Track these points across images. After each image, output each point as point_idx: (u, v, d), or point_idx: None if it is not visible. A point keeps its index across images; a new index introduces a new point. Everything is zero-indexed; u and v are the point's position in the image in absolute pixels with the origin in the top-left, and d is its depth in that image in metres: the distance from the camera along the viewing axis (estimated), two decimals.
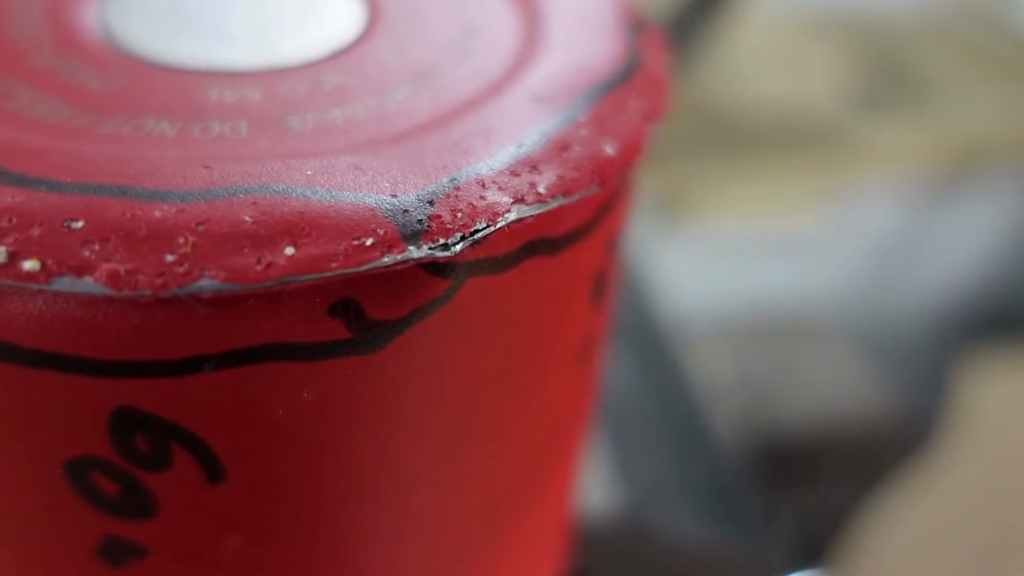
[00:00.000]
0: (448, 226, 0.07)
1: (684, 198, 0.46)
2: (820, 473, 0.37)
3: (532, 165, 0.08)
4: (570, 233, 0.09)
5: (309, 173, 0.08)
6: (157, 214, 0.07)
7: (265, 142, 0.08)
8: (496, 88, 0.09)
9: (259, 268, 0.07)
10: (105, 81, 0.09)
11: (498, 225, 0.08)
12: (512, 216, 0.08)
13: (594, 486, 0.19)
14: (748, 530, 0.20)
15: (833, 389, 0.40)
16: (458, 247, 0.07)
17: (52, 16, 0.10)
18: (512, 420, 0.10)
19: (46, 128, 0.08)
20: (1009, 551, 0.30)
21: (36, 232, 0.07)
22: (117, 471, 0.08)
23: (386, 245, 0.07)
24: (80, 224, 0.07)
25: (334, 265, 0.07)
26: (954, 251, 0.53)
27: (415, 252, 0.07)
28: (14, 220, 0.07)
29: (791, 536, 0.33)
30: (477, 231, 0.07)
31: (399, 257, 0.07)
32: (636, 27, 0.11)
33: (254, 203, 0.07)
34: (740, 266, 0.47)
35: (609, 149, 0.09)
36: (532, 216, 0.08)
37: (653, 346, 0.24)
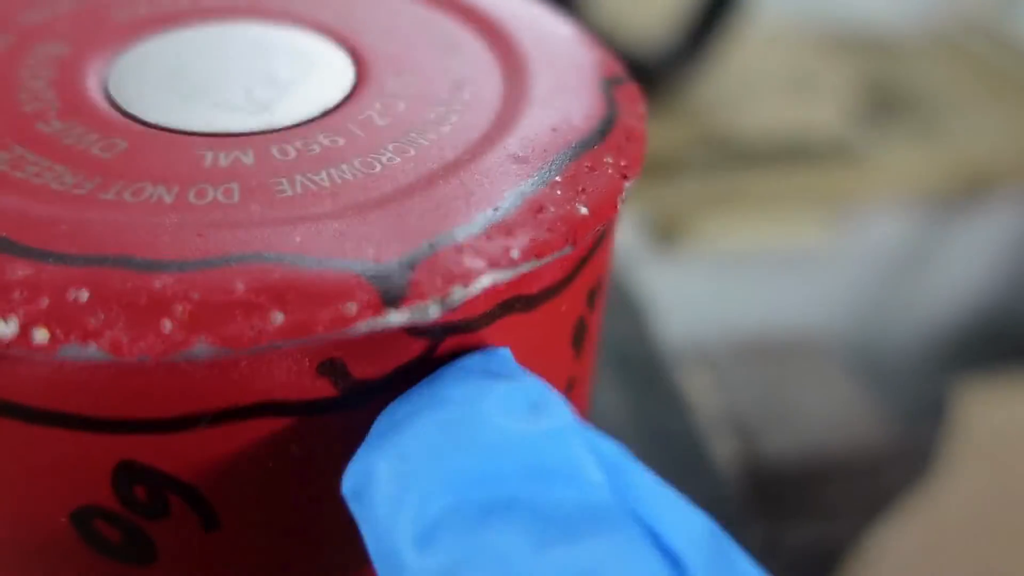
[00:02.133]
0: (426, 291, 0.08)
1: (687, 222, 0.47)
2: (815, 502, 0.37)
3: (507, 229, 0.09)
4: (546, 290, 0.09)
5: (298, 240, 0.08)
6: (157, 284, 0.07)
7: (256, 207, 0.09)
8: (477, 148, 0.10)
9: (250, 334, 0.07)
10: (107, 146, 0.10)
11: (472, 290, 0.08)
12: (486, 281, 0.08)
13: None
14: None
15: (829, 415, 0.40)
16: (435, 312, 0.08)
17: (59, 82, 0.10)
18: None
19: (52, 196, 0.09)
20: (1007, 574, 0.30)
21: (45, 303, 0.07)
22: (119, 519, 0.08)
23: (369, 311, 0.08)
24: (85, 295, 0.07)
25: (320, 330, 0.07)
26: (957, 273, 0.53)
27: (396, 317, 0.08)
28: (25, 293, 0.07)
29: (787, 567, 0.33)
30: (453, 296, 0.08)
31: (380, 322, 0.08)
32: (615, 82, 0.11)
33: (246, 272, 0.08)
34: (736, 290, 0.47)
35: (583, 209, 0.09)
36: (505, 280, 0.08)
37: (648, 373, 0.24)
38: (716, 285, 0.47)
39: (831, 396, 0.42)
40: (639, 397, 0.23)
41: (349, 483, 0.08)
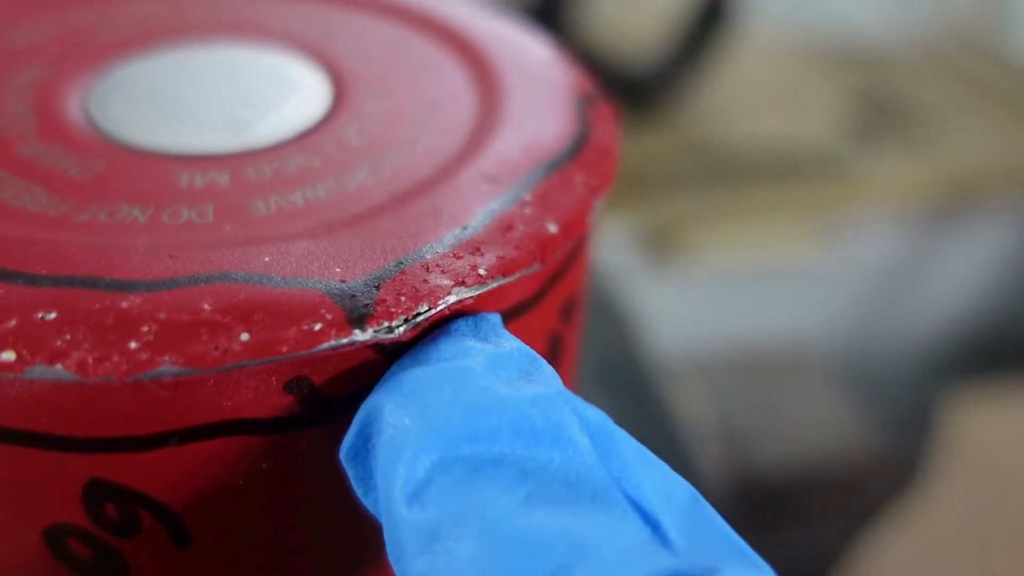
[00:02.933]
0: (392, 310, 0.08)
1: (678, 234, 0.47)
2: (805, 512, 0.37)
3: (475, 247, 0.09)
4: (515, 306, 0.09)
5: (267, 260, 0.08)
6: (124, 304, 0.08)
7: (229, 227, 0.09)
8: (449, 167, 0.10)
9: (216, 353, 0.07)
10: (85, 167, 0.10)
11: (439, 308, 0.08)
12: (452, 299, 0.08)
13: None
14: None
15: (818, 426, 0.40)
16: (401, 329, 0.08)
17: (38, 104, 0.11)
18: None
19: (27, 218, 0.09)
20: None
21: (12, 324, 0.07)
22: (90, 537, 0.08)
23: (334, 329, 0.08)
24: (53, 315, 0.07)
25: (285, 349, 0.08)
26: (946, 286, 0.53)
27: (360, 336, 0.08)
28: None
29: None
30: (419, 314, 0.08)
31: (345, 340, 0.08)
32: (587, 100, 0.12)
33: (213, 291, 0.08)
34: (727, 303, 0.47)
35: (552, 227, 0.09)
36: (472, 297, 0.08)
37: (638, 385, 0.24)
38: (708, 298, 0.47)
39: (821, 407, 0.42)
40: (626, 408, 0.23)
41: (348, 443, 0.08)
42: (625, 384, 0.24)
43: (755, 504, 0.36)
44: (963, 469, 0.33)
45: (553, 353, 0.11)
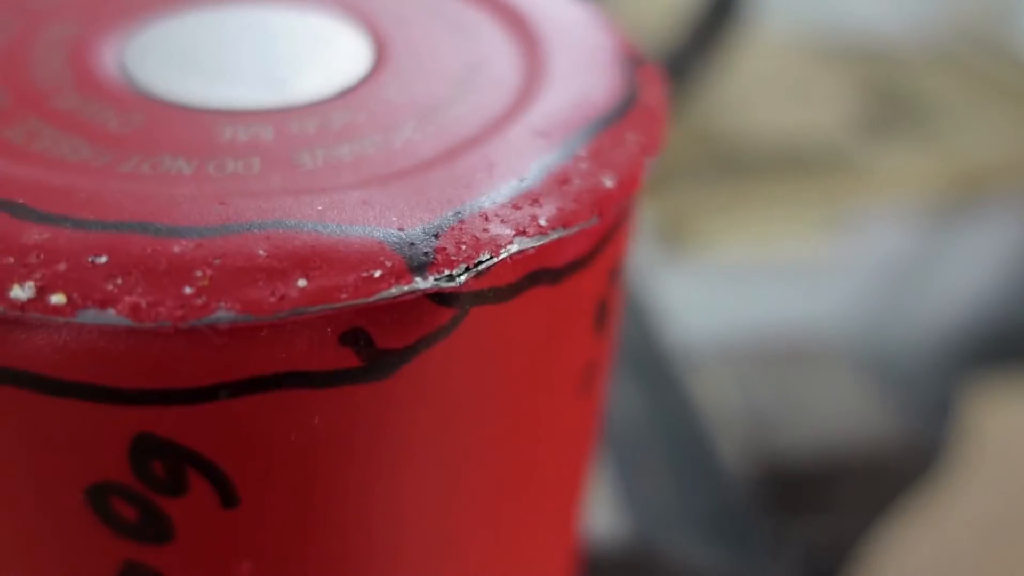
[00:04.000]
0: (453, 258, 0.08)
1: (690, 226, 0.46)
2: (826, 500, 0.36)
3: (533, 198, 0.08)
4: (571, 263, 0.09)
5: (319, 208, 0.08)
6: (176, 249, 0.07)
7: (277, 178, 0.09)
8: (498, 124, 0.10)
9: (273, 300, 0.07)
10: (124, 121, 0.09)
11: (501, 256, 0.08)
12: (514, 248, 0.08)
13: (601, 513, 0.19)
14: (755, 556, 0.20)
15: (839, 416, 0.40)
16: (462, 278, 0.08)
17: (74, 59, 0.10)
18: (516, 444, 0.10)
19: (69, 167, 0.08)
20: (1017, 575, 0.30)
21: (62, 267, 0.07)
22: (136, 496, 0.08)
23: (393, 277, 0.07)
24: (103, 259, 0.07)
25: (344, 296, 0.07)
26: (959, 277, 0.53)
27: (421, 283, 0.07)
28: (41, 256, 0.07)
29: (798, 563, 0.33)
30: (481, 262, 0.08)
31: (406, 288, 0.07)
32: (634, 62, 0.11)
33: (267, 238, 0.07)
34: (745, 293, 0.47)
35: (608, 182, 0.09)
36: (533, 247, 0.08)
37: (659, 373, 0.24)
38: (720, 289, 0.47)
39: (842, 395, 0.42)
40: (650, 396, 0.23)
41: None
42: (650, 372, 0.24)
43: (777, 490, 0.36)
44: (983, 458, 0.33)
45: (601, 318, 0.11)
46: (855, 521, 0.33)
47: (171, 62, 0.10)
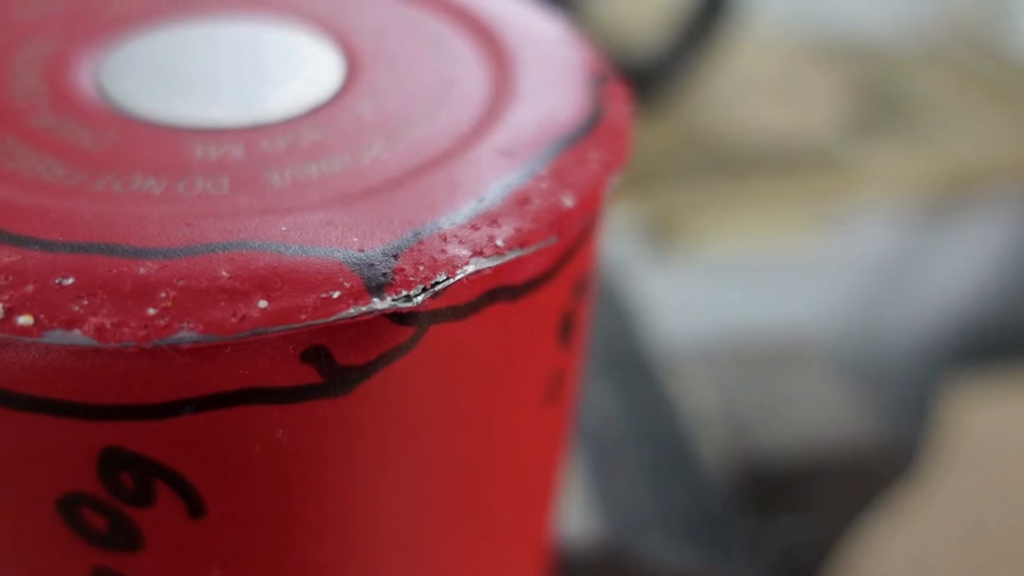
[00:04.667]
0: (410, 279, 0.08)
1: (678, 224, 0.47)
2: (806, 500, 0.37)
3: (492, 219, 0.09)
4: (531, 280, 0.09)
5: (284, 229, 0.08)
6: (141, 271, 0.08)
7: (245, 198, 0.09)
8: (465, 142, 0.10)
9: (234, 320, 0.07)
10: (98, 139, 0.10)
11: (457, 277, 0.08)
12: (471, 268, 0.08)
13: (575, 514, 0.20)
14: (733, 557, 0.21)
15: (818, 416, 0.41)
16: (419, 298, 0.08)
17: (50, 77, 0.11)
18: (480, 457, 0.10)
19: (42, 187, 0.09)
20: (997, 575, 0.30)
21: (30, 289, 0.07)
22: (105, 506, 0.08)
23: (352, 297, 0.08)
24: (70, 281, 0.07)
25: (303, 317, 0.08)
26: (945, 277, 0.53)
27: (379, 304, 0.08)
28: (11, 278, 0.07)
29: (778, 563, 0.33)
30: (437, 283, 0.08)
31: (364, 309, 0.08)
32: (600, 79, 0.12)
33: (231, 259, 0.08)
34: (729, 292, 0.47)
35: (568, 201, 0.09)
36: (490, 268, 0.08)
37: (640, 374, 0.24)
38: (708, 287, 0.47)
39: (823, 395, 0.42)
40: (630, 396, 0.23)
41: None
42: (628, 372, 0.24)
43: (757, 490, 0.36)
44: (963, 458, 0.33)
45: (565, 331, 0.11)
46: (835, 521, 0.34)
47: (146, 79, 0.11)
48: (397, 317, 0.08)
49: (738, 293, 0.47)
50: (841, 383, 0.43)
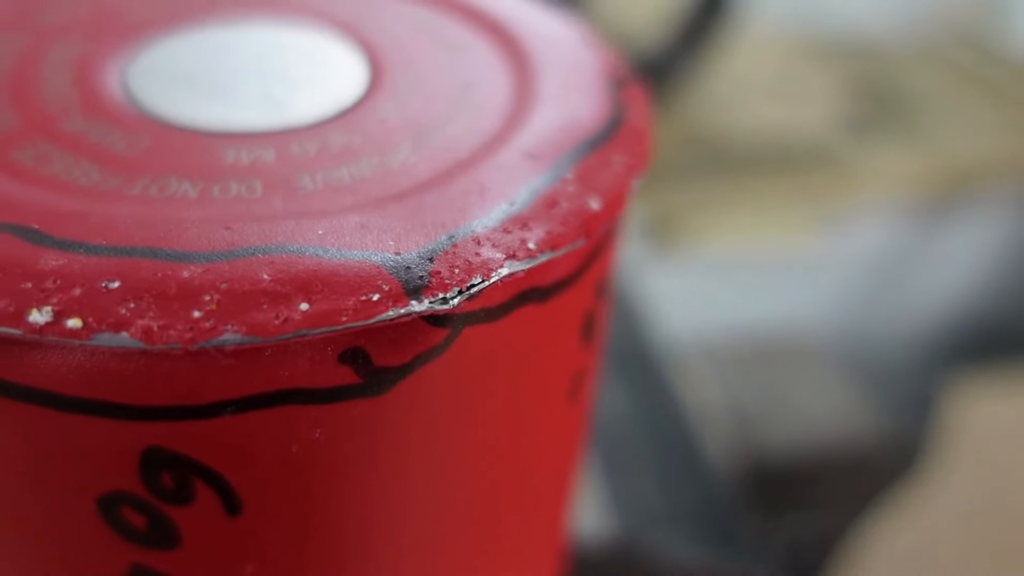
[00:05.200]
0: (447, 281, 0.08)
1: (677, 223, 0.47)
2: (810, 496, 0.37)
3: (523, 222, 0.09)
4: (559, 282, 0.10)
5: (320, 232, 0.08)
6: (185, 274, 0.08)
7: (279, 202, 0.09)
8: (490, 146, 0.10)
9: (277, 322, 0.08)
10: (131, 144, 0.10)
11: (492, 280, 0.08)
12: (504, 271, 0.08)
13: (587, 511, 0.20)
14: (740, 552, 0.21)
15: (822, 413, 0.41)
16: (455, 301, 0.08)
17: (80, 80, 0.11)
18: (508, 452, 0.10)
19: (79, 191, 0.09)
20: (998, 571, 0.30)
21: (77, 292, 0.07)
22: (145, 505, 0.09)
23: (391, 300, 0.08)
24: (116, 284, 0.08)
25: (344, 319, 0.08)
26: (944, 274, 0.53)
27: (417, 306, 0.08)
28: (58, 282, 0.08)
29: (782, 559, 0.34)
30: (473, 286, 0.08)
31: (403, 311, 0.08)
32: (620, 82, 0.12)
33: (271, 262, 0.08)
34: (731, 290, 0.48)
35: (594, 204, 0.09)
36: (523, 270, 0.09)
37: (645, 371, 0.25)
38: (709, 286, 0.48)
39: (825, 392, 0.42)
40: (636, 393, 0.23)
41: None
42: (634, 369, 0.24)
43: (761, 486, 0.37)
44: (964, 455, 0.33)
45: (587, 330, 0.11)
46: (838, 517, 0.34)
47: (174, 83, 0.11)
48: (432, 319, 0.08)
49: (740, 291, 0.48)
50: (843, 380, 0.43)
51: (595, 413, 0.22)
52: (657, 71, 0.46)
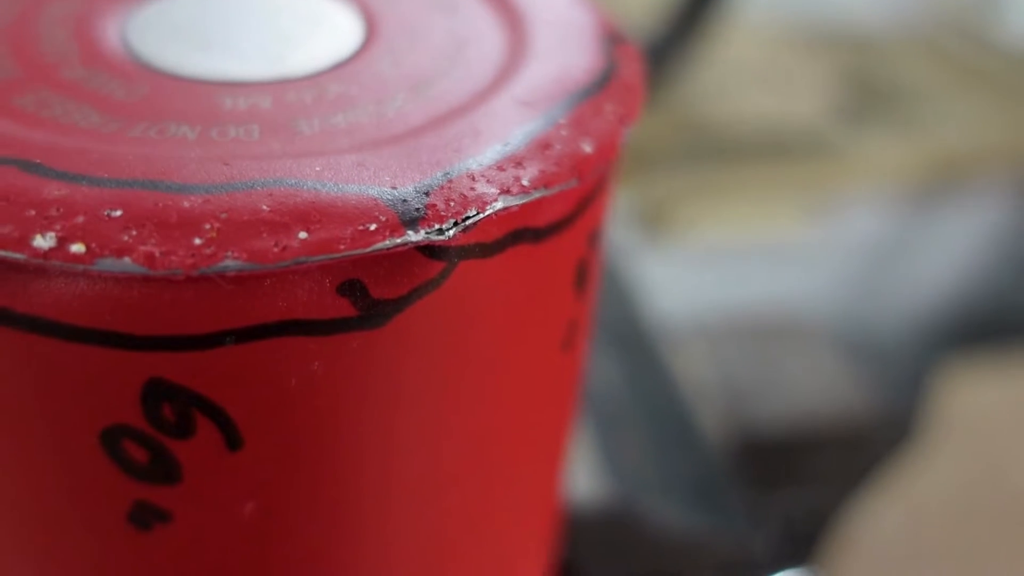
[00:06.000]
0: (442, 213, 0.08)
1: (671, 210, 0.47)
2: (802, 472, 0.37)
3: (517, 161, 0.09)
4: (552, 224, 0.10)
5: (318, 169, 0.09)
6: (186, 204, 0.08)
7: (276, 143, 0.09)
8: (484, 95, 0.10)
9: (276, 250, 0.08)
10: (130, 91, 0.10)
11: (486, 212, 0.08)
12: (499, 205, 0.09)
13: (584, 477, 0.20)
14: (733, 522, 0.21)
15: (815, 391, 0.41)
16: (451, 232, 0.08)
17: (79, 33, 0.11)
18: (502, 393, 0.10)
19: (80, 132, 0.09)
20: (986, 548, 0.31)
21: (80, 220, 0.08)
22: (147, 439, 0.09)
23: (388, 230, 0.08)
24: (119, 213, 0.08)
25: (342, 247, 0.08)
26: (935, 262, 0.54)
27: (413, 236, 0.08)
28: (61, 210, 0.08)
29: (774, 534, 0.34)
30: (468, 217, 0.08)
31: (399, 240, 0.08)
32: (613, 39, 0.12)
33: (270, 194, 0.08)
34: (725, 277, 0.48)
35: (587, 147, 0.10)
36: (517, 205, 0.09)
37: (639, 348, 0.25)
38: (701, 274, 0.48)
39: (818, 370, 0.42)
40: (630, 371, 0.23)
41: None
42: (629, 347, 0.24)
43: (754, 462, 0.37)
44: (954, 434, 0.34)
45: (580, 279, 0.11)
46: (830, 492, 0.34)
47: (171, 37, 0.11)
48: (428, 251, 0.08)
49: (733, 279, 0.48)
50: (836, 359, 0.44)
51: (590, 385, 0.22)
52: (650, 59, 0.47)
